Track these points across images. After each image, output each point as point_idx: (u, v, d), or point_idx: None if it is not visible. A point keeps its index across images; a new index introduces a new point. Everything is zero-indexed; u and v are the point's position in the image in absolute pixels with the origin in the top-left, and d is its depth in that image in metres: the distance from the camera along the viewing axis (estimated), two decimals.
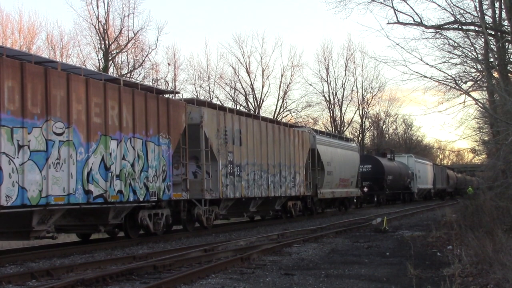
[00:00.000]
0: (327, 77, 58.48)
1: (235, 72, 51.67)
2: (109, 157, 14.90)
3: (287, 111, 53.80)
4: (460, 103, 20.47)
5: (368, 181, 42.27)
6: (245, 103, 51.63)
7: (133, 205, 16.23)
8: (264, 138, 23.80)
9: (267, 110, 60.81)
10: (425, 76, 18.72)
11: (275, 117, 49.36)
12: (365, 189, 41.72)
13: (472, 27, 20.39)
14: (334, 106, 58.85)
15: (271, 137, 24.46)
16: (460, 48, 20.67)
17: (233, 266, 11.41)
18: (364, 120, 62.18)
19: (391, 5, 19.70)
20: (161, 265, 10.95)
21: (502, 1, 18.85)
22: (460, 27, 19.83)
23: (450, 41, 20.51)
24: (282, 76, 53.66)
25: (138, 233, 17.62)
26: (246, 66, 51.87)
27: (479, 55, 20.72)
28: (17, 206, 12.22)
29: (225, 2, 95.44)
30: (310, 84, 58.27)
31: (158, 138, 16.98)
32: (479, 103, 20.48)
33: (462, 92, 19.95)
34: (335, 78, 58.87)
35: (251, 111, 45.48)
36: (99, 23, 37.99)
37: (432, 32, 20.16)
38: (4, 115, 11.99)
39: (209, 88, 50.29)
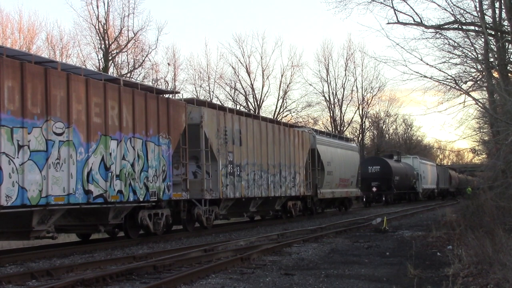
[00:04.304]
0: (327, 77, 58.56)
1: (235, 72, 51.73)
2: (109, 157, 14.90)
3: (287, 111, 53.86)
4: (460, 103, 20.48)
5: (377, 181, 44.92)
6: (245, 103, 51.66)
7: (133, 205, 16.23)
8: (264, 138, 23.80)
9: (267, 110, 60.87)
10: (425, 76, 18.73)
11: (275, 117, 49.36)
12: (374, 189, 44.48)
13: (472, 27, 20.39)
14: (334, 106, 58.91)
15: (271, 137, 24.46)
16: (460, 48, 20.67)
17: (233, 266, 11.41)
18: (364, 120, 62.22)
19: (391, 5, 19.70)
20: (161, 265, 10.95)
21: (502, 1, 18.85)
22: (460, 27, 19.81)
23: (450, 41, 20.52)
24: (282, 76, 53.75)
25: (138, 233, 17.61)
26: (246, 66, 51.93)
27: (479, 55, 20.70)
28: (17, 206, 12.22)
29: (225, 2, 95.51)
30: (310, 84, 58.44)
31: (158, 138, 16.98)
32: (479, 103, 20.49)
33: (462, 92, 19.96)
34: (335, 78, 58.95)
35: (251, 111, 45.48)
36: (99, 23, 38.05)
37: (432, 32, 20.15)
38: (4, 115, 11.98)
39: (209, 88, 50.36)
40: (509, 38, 18.85)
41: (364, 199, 44.32)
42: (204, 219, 19.59)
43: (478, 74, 21.54)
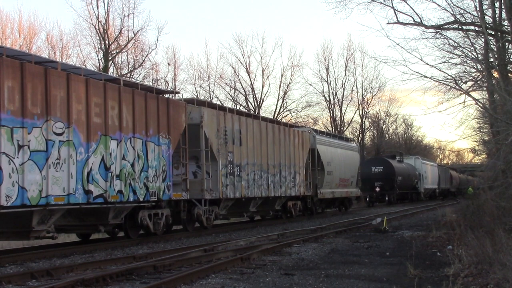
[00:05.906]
0: (327, 77, 58.56)
1: (235, 72, 51.75)
2: (109, 157, 14.90)
3: (287, 111, 53.88)
4: (460, 103, 20.48)
5: (380, 181, 45.79)
6: (245, 103, 51.67)
7: (133, 205, 16.22)
8: (264, 138, 23.80)
9: (267, 110, 60.90)
10: (425, 76, 18.73)
11: (275, 117, 49.36)
12: (377, 189, 45.52)
13: (472, 27, 20.38)
14: (334, 106, 58.91)
15: (271, 137, 24.46)
16: (460, 48, 20.65)
17: (233, 266, 11.41)
18: (364, 120, 62.20)
19: (391, 5, 19.71)
20: (161, 265, 10.95)
21: (502, 1, 18.84)
22: (460, 27, 19.81)
23: (450, 41, 20.50)
24: (282, 76, 53.77)
25: (138, 233, 17.61)
26: (246, 66, 51.94)
27: (479, 55, 20.69)
28: (17, 206, 12.22)
29: (225, 2, 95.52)
30: (310, 84, 58.50)
31: (158, 138, 16.98)
32: (479, 103, 20.49)
33: (462, 92, 19.96)
34: (335, 78, 58.96)
35: (251, 111, 45.48)
36: (99, 23, 38.07)
37: (432, 32, 20.15)
38: (4, 115, 11.98)
39: (209, 88, 50.39)
40: (509, 38, 18.85)
41: (368, 199, 44.71)
42: (204, 219, 19.59)
43: (478, 74, 21.54)
